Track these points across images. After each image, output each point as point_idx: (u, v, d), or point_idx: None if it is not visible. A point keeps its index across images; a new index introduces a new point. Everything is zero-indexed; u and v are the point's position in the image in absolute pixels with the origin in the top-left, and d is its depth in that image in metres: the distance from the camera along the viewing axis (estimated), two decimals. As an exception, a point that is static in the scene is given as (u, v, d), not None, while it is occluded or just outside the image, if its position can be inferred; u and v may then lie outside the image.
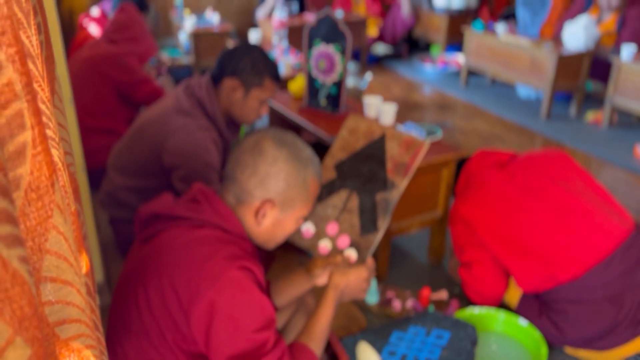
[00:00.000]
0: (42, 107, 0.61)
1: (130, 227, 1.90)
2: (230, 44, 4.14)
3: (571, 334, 1.59)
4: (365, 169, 1.45)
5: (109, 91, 2.58)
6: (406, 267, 2.17)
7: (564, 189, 1.62)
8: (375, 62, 5.35)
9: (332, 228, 1.41)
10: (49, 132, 0.61)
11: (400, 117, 3.82)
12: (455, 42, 5.19)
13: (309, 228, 1.42)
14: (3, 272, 0.40)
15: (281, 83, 3.13)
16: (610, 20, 3.95)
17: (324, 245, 1.39)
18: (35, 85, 0.60)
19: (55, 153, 0.64)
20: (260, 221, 1.16)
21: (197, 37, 4.20)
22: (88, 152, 2.18)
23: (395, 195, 1.39)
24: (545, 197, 1.61)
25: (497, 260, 1.66)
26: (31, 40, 0.61)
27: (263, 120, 3.60)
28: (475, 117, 3.95)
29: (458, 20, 5.12)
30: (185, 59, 4.19)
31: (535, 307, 1.69)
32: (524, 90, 4.33)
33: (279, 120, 2.75)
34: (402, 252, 2.28)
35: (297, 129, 2.72)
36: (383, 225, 1.37)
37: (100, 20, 3.35)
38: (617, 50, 3.74)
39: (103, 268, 1.99)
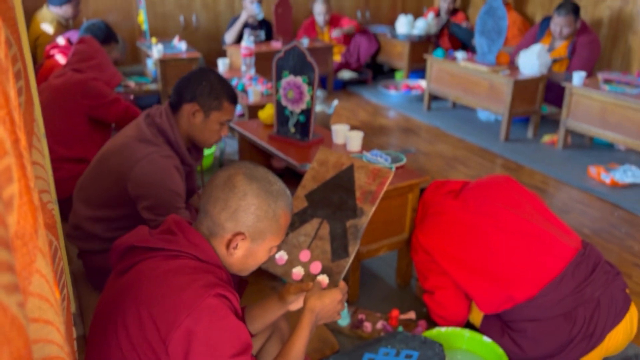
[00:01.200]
0: (24, 153, 0.66)
1: (100, 258, 1.92)
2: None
3: (531, 351, 1.68)
4: (335, 198, 1.53)
5: (80, 119, 2.59)
6: (376, 289, 2.23)
7: (514, 213, 1.73)
8: (341, 88, 5.49)
9: (304, 255, 1.47)
10: (30, 180, 0.65)
11: (367, 141, 3.95)
12: (418, 68, 5.38)
13: (282, 255, 1.48)
14: (3, 317, 0.42)
15: (250, 110, 3.20)
16: (561, 47, 4.18)
17: (297, 271, 1.45)
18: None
19: (35, 196, 0.68)
20: (232, 252, 1.20)
21: (165, 63, 4.24)
22: (59, 181, 2.18)
23: (364, 221, 1.47)
24: (497, 221, 1.72)
25: (458, 285, 1.75)
26: (12, 94, 0.66)
27: (232, 146, 3.65)
28: (438, 140, 4.09)
29: (420, 47, 5.31)
30: (153, 86, 4.22)
31: (497, 326, 1.77)
32: (483, 114, 4.52)
33: (249, 147, 2.81)
34: (372, 274, 2.35)
35: (267, 156, 2.78)
36: (353, 250, 1.44)
37: (66, 50, 3.36)
38: (569, 75, 3.96)
39: (75, 299, 1.98)
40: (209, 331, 1.04)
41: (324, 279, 1.41)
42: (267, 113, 2.69)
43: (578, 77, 3.60)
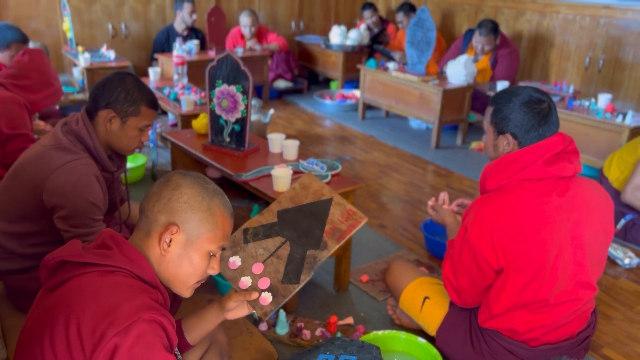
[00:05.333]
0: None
1: (20, 278, 1.81)
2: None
3: None
4: (305, 224, 1.53)
5: None
6: (314, 297, 2.24)
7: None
8: (277, 97, 5.50)
9: (257, 268, 1.46)
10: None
11: (304, 149, 3.99)
12: (352, 78, 5.48)
13: (235, 261, 1.46)
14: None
15: (184, 119, 3.12)
16: (484, 59, 4.41)
17: (245, 280, 1.43)
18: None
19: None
20: (165, 250, 1.15)
21: (92, 72, 4.08)
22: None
23: (324, 255, 1.48)
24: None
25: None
26: None
27: (165, 157, 3.57)
28: (373, 148, 4.18)
29: (353, 57, 5.41)
30: (80, 96, 4.05)
31: (461, 334, 1.75)
32: (415, 122, 4.67)
33: (182, 158, 2.75)
34: (310, 281, 2.36)
35: (202, 166, 2.73)
36: (305, 279, 1.44)
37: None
38: (493, 85, 4.17)
39: (-5, 322, 1.85)
40: (131, 357, 0.98)
41: (267, 296, 1.40)
42: (201, 122, 2.65)
43: (501, 86, 3.80)
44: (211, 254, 1.21)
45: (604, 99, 3.42)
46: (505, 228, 1.51)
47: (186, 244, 1.16)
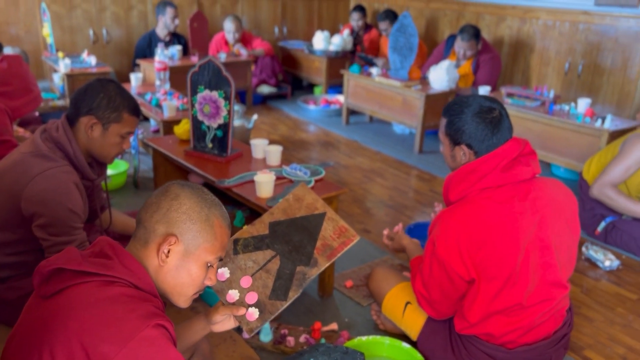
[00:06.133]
0: None
1: (1, 287, 1.77)
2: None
3: None
4: (296, 238, 1.51)
5: None
6: (298, 303, 2.23)
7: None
8: (260, 102, 5.49)
9: (245, 281, 1.44)
10: None
11: (288, 155, 3.98)
12: (336, 84, 5.49)
13: (224, 272, 1.44)
14: None
15: (166, 125, 3.10)
16: (466, 64, 4.45)
17: (232, 293, 1.41)
18: None
19: None
20: (164, 261, 1.14)
21: (73, 78, 4.04)
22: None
23: (314, 272, 1.46)
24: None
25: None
26: None
27: (147, 164, 3.53)
28: (357, 153, 4.19)
29: (337, 63, 5.43)
30: (61, 102, 4.00)
31: (440, 340, 1.75)
32: (398, 127, 4.69)
33: (164, 164, 2.73)
34: (294, 288, 2.35)
35: (184, 172, 2.71)
36: (293, 296, 1.42)
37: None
38: (475, 90, 4.21)
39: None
40: None
41: (254, 312, 1.39)
42: (183, 128, 2.63)
43: (483, 91, 3.84)
44: (209, 264, 1.21)
45: (583, 104, 3.47)
46: (471, 239, 1.52)
47: (185, 254, 1.16)
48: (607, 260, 2.58)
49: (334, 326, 2.06)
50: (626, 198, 2.63)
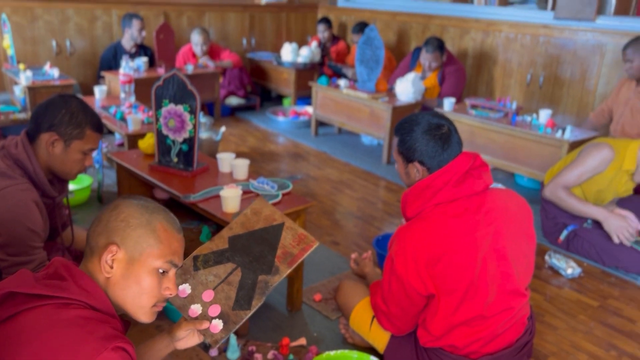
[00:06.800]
0: None
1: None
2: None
3: None
4: (256, 249, 1.53)
5: None
6: (266, 319, 2.21)
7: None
8: (229, 114, 5.46)
9: (207, 295, 1.43)
10: None
11: (257, 167, 3.96)
12: (305, 95, 5.51)
13: (185, 288, 1.43)
14: None
15: (130, 139, 3.05)
16: (431, 76, 4.53)
17: (195, 308, 1.41)
18: None
19: None
20: (108, 271, 1.12)
21: (35, 91, 3.94)
22: None
23: (276, 280, 1.48)
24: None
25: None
26: None
27: (111, 178, 3.46)
28: (326, 165, 4.20)
29: (305, 74, 5.45)
30: (22, 115, 3.89)
31: (407, 354, 1.76)
32: (367, 139, 4.72)
33: (128, 179, 2.68)
34: (262, 304, 2.32)
35: (149, 187, 2.67)
36: (256, 305, 1.43)
37: None
38: (441, 101, 4.28)
39: None
40: None
41: (218, 324, 1.38)
42: (148, 142, 2.60)
43: (448, 102, 3.91)
44: (160, 270, 1.18)
45: (544, 115, 3.56)
46: (428, 255, 1.55)
47: (129, 262, 1.13)
48: (569, 268, 2.64)
49: (302, 341, 2.05)
50: (576, 199, 2.73)
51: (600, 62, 4.16)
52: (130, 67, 4.01)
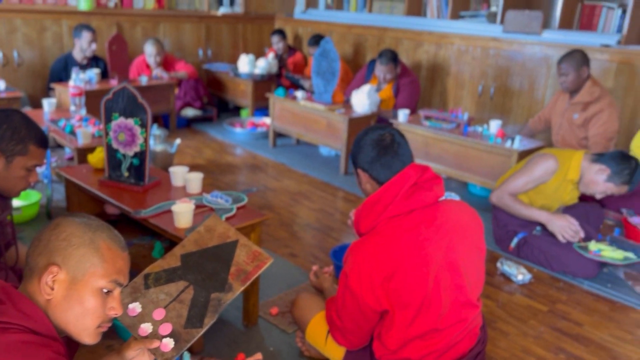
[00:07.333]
0: None
1: None
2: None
3: None
4: (209, 267, 1.51)
5: None
6: (221, 334, 2.18)
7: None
8: (185, 125, 5.38)
9: (158, 313, 1.41)
10: None
11: (214, 179, 3.92)
12: (262, 106, 5.50)
13: (135, 307, 1.41)
14: None
15: (80, 153, 2.96)
16: (387, 87, 4.60)
17: (145, 327, 1.38)
18: None
19: None
20: (49, 292, 1.08)
21: (-21, 104, 3.78)
22: None
23: (229, 297, 1.47)
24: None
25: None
26: None
27: (61, 192, 3.35)
28: (284, 176, 4.19)
29: (262, 86, 5.44)
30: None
31: None
32: (324, 150, 4.75)
33: (77, 194, 2.60)
34: (218, 319, 2.29)
35: (99, 202, 2.60)
36: (209, 323, 1.42)
37: None
38: (396, 113, 4.35)
39: None
40: None
41: (169, 342, 1.36)
42: (98, 157, 2.53)
43: (403, 114, 3.98)
44: (104, 290, 1.14)
45: (495, 125, 3.67)
46: (382, 270, 1.55)
47: (72, 283, 1.10)
48: (520, 274, 2.72)
49: (258, 356, 2.00)
50: (521, 204, 2.84)
51: (547, 74, 4.33)
52: (81, 79, 3.91)
